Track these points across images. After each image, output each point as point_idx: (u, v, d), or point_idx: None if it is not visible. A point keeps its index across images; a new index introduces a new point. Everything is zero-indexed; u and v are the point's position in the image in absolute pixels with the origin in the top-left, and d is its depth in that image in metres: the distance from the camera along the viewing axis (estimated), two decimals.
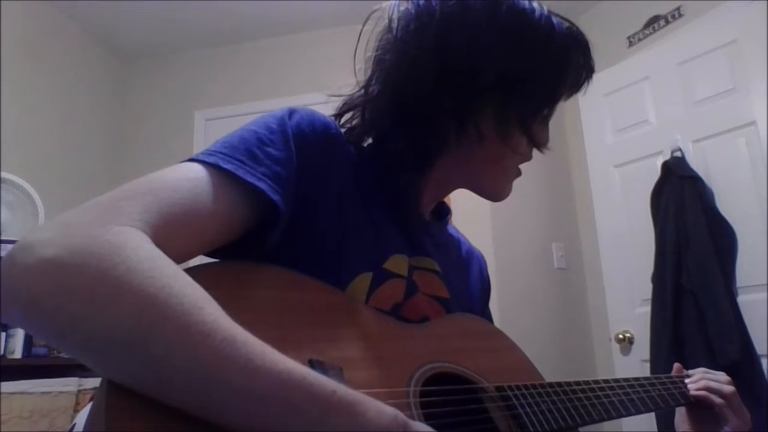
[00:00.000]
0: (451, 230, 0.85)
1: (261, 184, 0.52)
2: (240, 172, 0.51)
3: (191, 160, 0.53)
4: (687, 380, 0.83)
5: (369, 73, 0.69)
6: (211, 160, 0.52)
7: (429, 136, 0.66)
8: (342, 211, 0.62)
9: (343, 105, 0.71)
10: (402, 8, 0.67)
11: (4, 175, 2.38)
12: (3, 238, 2.20)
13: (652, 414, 2.03)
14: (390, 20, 0.68)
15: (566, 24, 0.68)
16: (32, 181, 2.49)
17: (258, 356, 0.39)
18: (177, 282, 0.40)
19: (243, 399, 0.38)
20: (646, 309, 2.26)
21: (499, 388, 0.61)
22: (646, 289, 2.27)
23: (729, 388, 0.80)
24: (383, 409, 0.42)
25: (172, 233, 0.45)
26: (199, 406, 0.39)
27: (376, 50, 0.69)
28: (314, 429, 0.39)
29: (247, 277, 0.52)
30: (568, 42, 0.68)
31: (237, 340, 0.39)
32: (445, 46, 0.64)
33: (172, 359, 0.37)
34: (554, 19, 0.67)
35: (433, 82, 0.64)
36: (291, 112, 0.61)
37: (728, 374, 0.83)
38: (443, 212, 0.83)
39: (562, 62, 0.68)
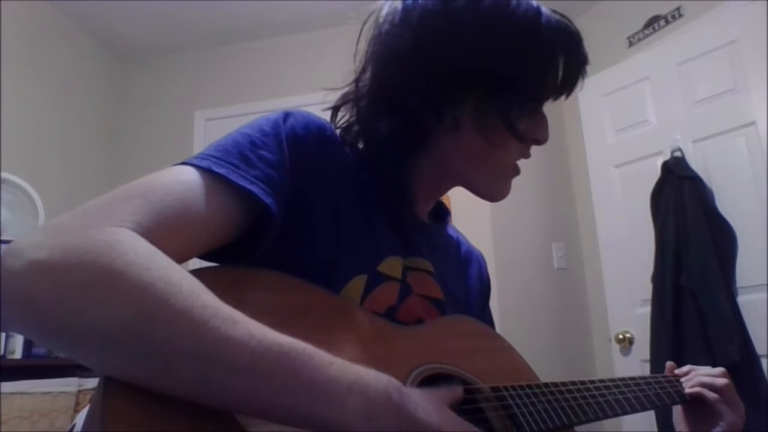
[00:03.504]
0: (450, 231, 0.85)
1: (253, 188, 0.52)
2: (232, 176, 0.52)
3: (184, 163, 0.53)
4: (682, 378, 0.83)
5: (360, 68, 0.70)
6: (203, 164, 0.52)
7: (409, 126, 0.66)
8: (337, 213, 0.62)
9: (338, 100, 0.72)
10: (393, 4, 0.68)
11: (4, 175, 2.39)
12: (3, 238, 2.20)
13: (652, 413, 2.03)
14: (378, 15, 0.69)
15: (555, 18, 0.66)
16: (32, 181, 2.49)
17: (258, 334, 0.41)
18: (175, 273, 0.41)
19: (247, 374, 0.39)
20: (646, 309, 2.26)
21: (494, 389, 0.61)
22: (646, 289, 2.27)
23: (722, 381, 0.80)
24: (379, 375, 0.45)
25: (164, 236, 0.45)
26: (203, 390, 0.39)
27: (367, 45, 0.69)
28: (316, 397, 0.41)
29: (241, 280, 0.52)
30: (553, 36, 0.65)
31: (237, 320, 0.41)
32: (424, 37, 0.64)
33: (175, 343, 0.38)
34: (543, 13, 0.65)
35: (413, 73, 0.64)
36: (286, 115, 0.61)
37: (728, 374, 0.83)
38: (442, 214, 0.83)
39: (545, 56, 0.65)
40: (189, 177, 0.51)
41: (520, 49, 0.64)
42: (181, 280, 0.41)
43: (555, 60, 0.66)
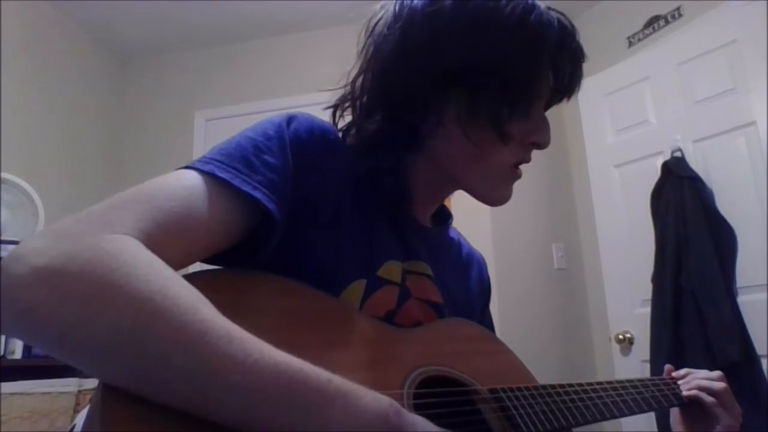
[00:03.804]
0: (452, 233, 0.85)
1: (256, 193, 0.52)
2: (236, 181, 0.52)
3: (187, 167, 0.53)
4: (680, 381, 0.83)
5: (355, 70, 0.70)
6: (206, 168, 0.52)
7: (397, 127, 0.66)
8: (338, 217, 0.62)
9: (336, 101, 0.72)
10: (387, 5, 0.68)
11: (4, 175, 2.39)
12: (3, 238, 2.20)
13: (652, 415, 2.03)
14: (371, 17, 0.69)
15: (548, 15, 0.64)
16: (32, 181, 2.49)
17: (255, 351, 0.40)
18: (173, 285, 0.41)
19: (242, 393, 0.39)
20: (646, 309, 2.26)
21: (492, 391, 0.62)
22: (646, 289, 2.27)
23: (719, 385, 0.80)
24: (378, 396, 0.43)
25: (167, 242, 0.46)
26: (199, 404, 0.39)
27: (361, 47, 0.70)
28: (313, 418, 0.40)
29: (241, 284, 0.52)
30: (542, 33, 0.63)
31: (234, 337, 0.40)
32: (409, 38, 0.64)
33: (170, 358, 0.38)
34: (535, 10, 0.63)
35: (399, 73, 0.64)
36: (290, 119, 0.61)
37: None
38: (444, 217, 0.82)
39: (533, 54, 0.63)
40: (192, 182, 0.51)
41: (504, 49, 0.62)
42: (179, 292, 0.41)
43: (544, 58, 0.64)
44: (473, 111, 0.64)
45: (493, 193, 0.70)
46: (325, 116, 0.70)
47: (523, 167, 0.71)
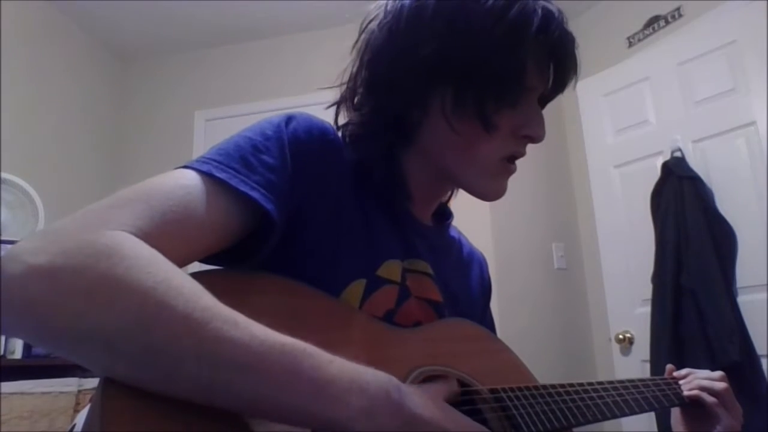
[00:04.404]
0: (452, 232, 0.85)
1: (254, 194, 0.52)
2: (233, 182, 0.52)
3: (185, 167, 0.53)
4: (681, 381, 0.83)
5: (350, 68, 0.71)
6: (204, 168, 0.52)
7: (385, 122, 0.67)
8: (337, 217, 0.62)
9: (336, 99, 0.72)
10: (380, 5, 0.69)
11: (4, 175, 2.39)
12: (3, 238, 2.20)
13: (652, 414, 2.03)
14: (367, 16, 0.70)
15: (532, 5, 0.62)
16: (32, 181, 2.50)
17: (260, 334, 0.41)
18: (175, 276, 0.41)
19: (249, 374, 0.39)
20: (646, 309, 2.26)
21: (492, 390, 0.62)
22: (646, 289, 2.27)
23: (720, 385, 0.80)
24: (378, 373, 0.45)
25: (165, 241, 0.45)
26: (206, 391, 0.39)
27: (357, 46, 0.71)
28: (318, 395, 0.41)
29: (240, 284, 0.53)
30: (523, 24, 0.61)
31: (238, 321, 0.41)
32: (395, 33, 0.65)
33: (177, 345, 0.38)
34: (518, 3, 0.62)
35: (385, 68, 0.65)
36: (288, 119, 0.61)
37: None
38: (445, 216, 0.83)
39: (513, 45, 0.62)
40: (190, 181, 0.51)
41: (485, 43, 0.62)
42: (182, 283, 0.41)
43: (527, 49, 0.63)
44: (457, 103, 0.64)
45: (485, 187, 0.69)
46: (326, 116, 0.70)
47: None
